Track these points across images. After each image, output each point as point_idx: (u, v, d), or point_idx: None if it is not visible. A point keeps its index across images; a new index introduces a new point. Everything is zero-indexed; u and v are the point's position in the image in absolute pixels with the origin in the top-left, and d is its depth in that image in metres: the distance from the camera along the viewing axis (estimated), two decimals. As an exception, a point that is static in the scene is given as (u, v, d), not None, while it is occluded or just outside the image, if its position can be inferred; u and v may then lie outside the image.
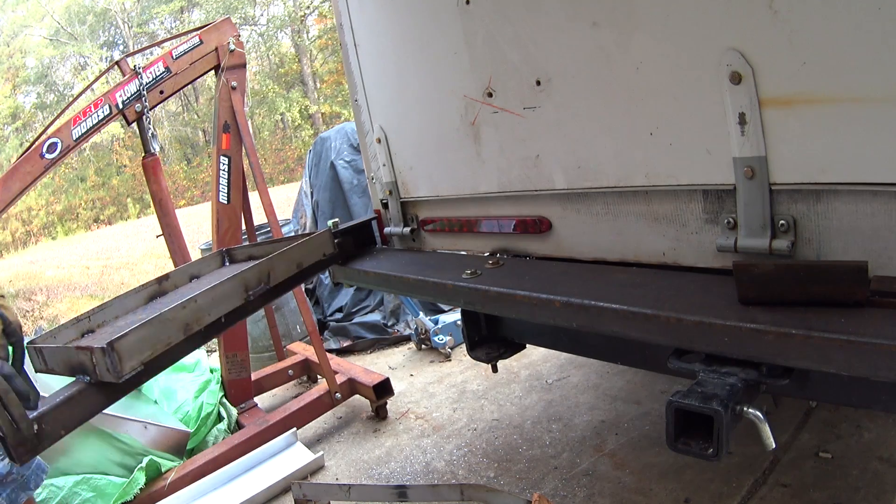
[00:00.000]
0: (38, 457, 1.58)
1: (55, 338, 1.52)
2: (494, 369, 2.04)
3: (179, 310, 1.35)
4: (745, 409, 1.06)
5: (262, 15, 27.08)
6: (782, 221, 1.15)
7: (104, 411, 2.48)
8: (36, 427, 1.18)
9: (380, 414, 3.11)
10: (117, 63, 2.83)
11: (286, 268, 1.69)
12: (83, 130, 2.60)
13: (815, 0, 1.00)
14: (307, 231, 4.73)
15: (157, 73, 2.77)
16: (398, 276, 1.83)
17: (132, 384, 1.29)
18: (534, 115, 1.59)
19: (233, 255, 2.13)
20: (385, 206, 2.26)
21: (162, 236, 2.98)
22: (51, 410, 1.21)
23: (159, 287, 1.86)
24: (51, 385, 2.48)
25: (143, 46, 10.42)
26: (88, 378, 1.25)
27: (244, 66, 2.99)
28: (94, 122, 2.63)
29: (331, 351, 4.05)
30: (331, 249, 1.90)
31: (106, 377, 1.21)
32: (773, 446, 1.07)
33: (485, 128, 1.75)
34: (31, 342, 1.42)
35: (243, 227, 3.13)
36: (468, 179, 1.88)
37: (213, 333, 1.51)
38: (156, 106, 2.85)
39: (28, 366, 2.18)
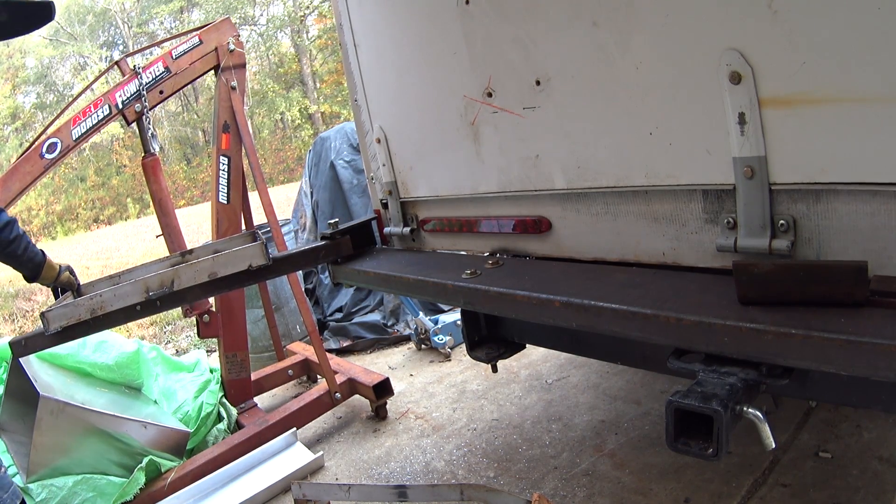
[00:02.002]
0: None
1: (93, 286, 2.14)
2: (494, 369, 2.04)
3: (87, 300, 1.85)
4: (744, 409, 1.06)
5: (261, 15, 27.11)
6: (782, 221, 1.15)
7: (104, 411, 2.51)
8: (24, 343, 1.91)
9: (380, 414, 3.11)
10: (117, 63, 2.82)
11: (192, 277, 1.93)
12: (83, 130, 2.60)
13: (815, 0, 1.00)
14: (307, 231, 4.73)
15: (157, 73, 2.77)
16: (398, 276, 1.83)
17: (57, 339, 1.89)
18: (533, 115, 1.59)
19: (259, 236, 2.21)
20: (385, 206, 2.26)
21: (162, 236, 2.97)
22: (27, 337, 1.94)
23: (181, 259, 2.15)
24: (51, 385, 2.48)
25: (143, 46, 10.39)
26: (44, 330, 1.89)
27: (244, 66, 2.99)
28: (94, 122, 2.62)
29: (330, 351, 4.05)
30: (261, 261, 1.97)
31: (45, 331, 1.88)
32: (773, 446, 1.07)
33: (484, 128, 1.75)
34: (77, 288, 2.14)
35: (243, 226, 3.13)
36: (468, 179, 1.88)
37: (131, 316, 1.94)
38: (155, 106, 2.84)
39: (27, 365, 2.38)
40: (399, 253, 2.17)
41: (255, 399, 3.28)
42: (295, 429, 2.90)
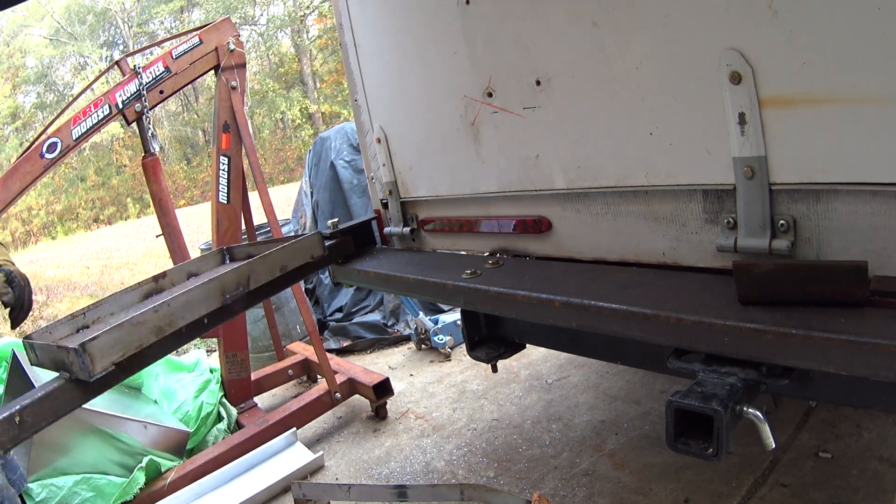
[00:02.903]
0: (21, 467, 1.73)
1: (51, 333, 1.53)
2: (494, 369, 2.04)
3: (151, 313, 1.38)
4: (744, 408, 1.06)
5: (261, 15, 27.10)
6: (782, 221, 1.15)
7: (104, 411, 2.51)
8: (18, 418, 1.22)
9: (380, 414, 3.11)
10: (117, 63, 2.83)
11: (268, 271, 1.70)
12: (83, 130, 2.60)
13: (815, 0, 1.00)
14: (307, 231, 4.73)
15: (157, 73, 2.77)
16: (398, 276, 1.83)
17: (105, 384, 1.33)
18: (534, 115, 1.59)
19: (233, 253, 2.13)
20: (385, 206, 2.26)
21: (162, 236, 2.98)
22: (32, 403, 1.25)
23: (156, 285, 1.85)
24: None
25: (143, 46, 10.41)
26: (68, 374, 1.29)
27: (244, 65, 2.99)
28: (94, 121, 2.62)
29: (331, 351, 4.05)
30: (320, 252, 1.89)
31: (80, 376, 1.26)
32: (773, 446, 1.07)
33: (485, 128, 1.75)
34: (26, 337, 1.46)
35: (243, 226, 3.13)
36: (468, 179, 1.88)
37: (196, 332, 1.55)
38: (155, 106, 2.84)
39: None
40: (399, 253, 2.17)
41: (255, 399, 3.28)
42: (295, 429, 2.90)
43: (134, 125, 2.79)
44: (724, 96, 1.16)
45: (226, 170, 2.96)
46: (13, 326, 1.76)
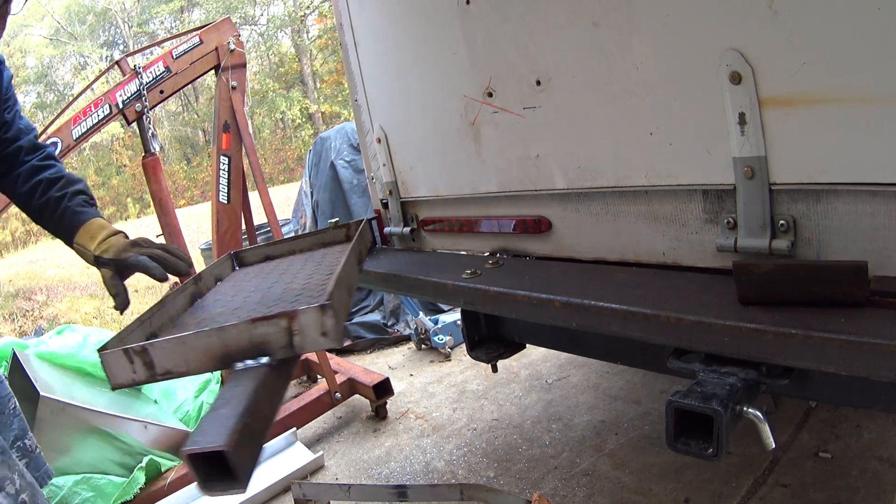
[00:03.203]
0: (47, 465, 1.64)
1: (123, 341, 1.22)
2: (494, 369, 2.04)
3: (343, 271, 1.19)
4: (744, 408, 1.06)
5: (262, 15, 27.12)
6: (782, 221, 1.15)
7: (104, 411, 2.51)
8: (247, 425, 0.82)
9: (380, 414, 3.11)
10: (117, 63, 2.83)
11: (365, 250, 1.77)
12: (83, 130, 2.60)
13: (815, 0, 1.00)
14: (307, 231, 4.73)
15: (157, 73, 2.77)
16: (398, 276, 1.83)
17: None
18: (534, 115, 1.60)
19: (242, 257, 2.06)
20: (385, 205, 2.26)
21: (162, 236, 2.97)
22: (252, 406, 0.86)
23: (196, 287, 1.76)
24: (51, 385, 2.48)
25: (143, 46, 10.42)
26: (268, 358, 0.98)
27: (244, 65, 2.99)
28: (94, 121, 2.62)
29: (330, 351, 4.05)
30: (370, 238, 2.05)
31: (316, 345, 0.97)
32: (773, 446, 1.07)
33: (485, 128, 1.75)
34: (101, 349, 1.07)
35: (243, 226, 3.13)
36: (468, 179, 1.88)
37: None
38: (156, 106, 2.84)
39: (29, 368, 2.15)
40: (399, 253, 2.17)
41: (255, 399, 3.28)
42: (295, 429, 2.90)
43: (134, 125, 2.79)
44: (724, 96, 1.16)
45: (226, 170, 2.96)
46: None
